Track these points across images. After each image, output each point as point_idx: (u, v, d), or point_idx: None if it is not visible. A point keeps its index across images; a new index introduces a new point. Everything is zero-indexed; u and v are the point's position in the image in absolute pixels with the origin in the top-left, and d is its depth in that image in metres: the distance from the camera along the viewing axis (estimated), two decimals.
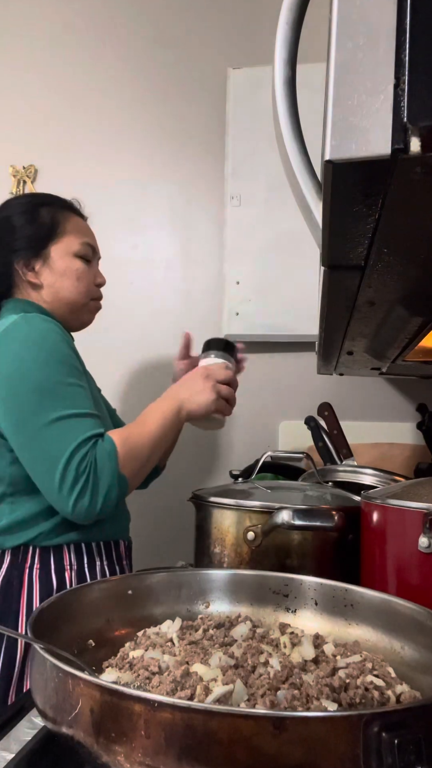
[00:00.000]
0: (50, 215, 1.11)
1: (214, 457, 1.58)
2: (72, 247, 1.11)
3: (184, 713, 0.38)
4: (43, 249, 1.09)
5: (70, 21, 1.69)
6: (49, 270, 1.10)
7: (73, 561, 1.01)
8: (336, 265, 0.47)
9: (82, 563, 1.02)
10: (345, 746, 0.37)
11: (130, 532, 1.15)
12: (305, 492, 0.98)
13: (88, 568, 1.02)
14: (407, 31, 0.29)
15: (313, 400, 1.39)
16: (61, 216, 1.12)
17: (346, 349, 0.90)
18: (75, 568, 1.01)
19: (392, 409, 1.51)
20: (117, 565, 1.07)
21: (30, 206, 1.12)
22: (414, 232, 0.40)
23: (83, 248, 1.12)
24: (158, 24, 1.65)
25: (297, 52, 0.41)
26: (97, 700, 0.41)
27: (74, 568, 1.01)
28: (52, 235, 1.10)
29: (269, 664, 0.54)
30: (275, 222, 1.50)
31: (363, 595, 0.66)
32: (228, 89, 1.56)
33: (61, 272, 1.10)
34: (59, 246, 1.10)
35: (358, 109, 0.30)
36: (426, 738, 0.38)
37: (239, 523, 0.88)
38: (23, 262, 1.09)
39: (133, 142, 1.65)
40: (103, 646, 0.62)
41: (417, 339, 0.73)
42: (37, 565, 0.99)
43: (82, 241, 1.12)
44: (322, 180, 0.34)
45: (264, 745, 0.37)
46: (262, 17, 1.57)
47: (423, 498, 0.72)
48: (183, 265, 1.63)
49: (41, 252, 1.09)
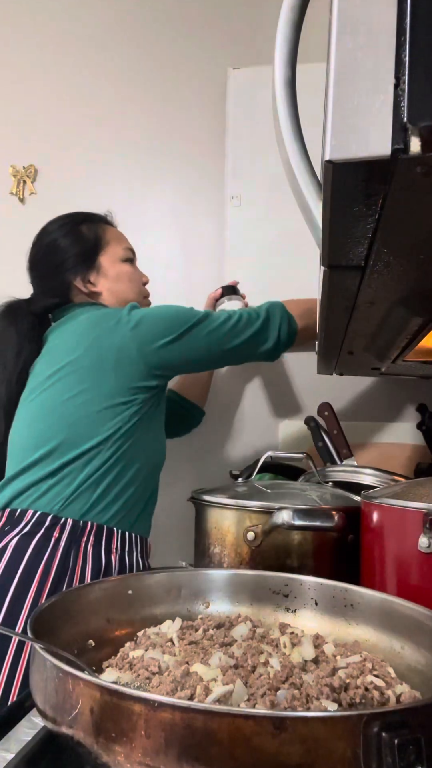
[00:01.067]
0: (92, 230, 1.23)
1: (214, 457, 1.57)
2: (118, 254, 1.24)
3: (184, 713, 0.38)
4: (94, 261, 1.21)
5: (70, 21, 1.69)
6: (104, 278, 1.22)
7: (119, 546, 1.07)
8: (336, 265, 0.47)
9: (124, 549, 1.08)
10: (345, 746, 0.37)
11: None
12: (305, 492, 0.98)
13: (128, 555, 1.09)
14: (407, 31, 0.29)
15: (313, 400, 1.39)
16: (100, 229, 1.24)
17: (346, 349, 0.90)
18: (119, 553, 1.07)
19: (392, 409, 1.51)
20: (143, 560, 1.13)
21: (71, 226, 1.23)
22: (414, 232, 0.40)
23: (127, 252, 1.26)
24: (158, 24, 1.65)
25: (297, 52, 0.41)
26: (97, 700, 0.41)
27: (118, 552, 1.07)
28: (98, 248, 1.22)
29: (269, 664, 0.54)
30: (275, 222, 1.50)
31: (363, 595, 0.66)
32: (228, 89, 1.55)
33: (115, 277, 1.23)
34: (107, 255, 1.23)
35: (358, 109, 0.30)
36: (426, 738, 0.38)
37: (239, 523, 0.88)
38: (80, 277, 1.21)
39: (132, 142, 1.65)
40: (103, 646, 0.62)
41: (417, 339, 0.73)
42: (92, 541, 1.04)
43: (125, 246, 1.26)
44: (322, 180, 0.34)
45: (264, 745, 0.37)
46: (262, 17, 1.57)
47: (423, 498, 0.72)
48: (183, 265, 1.63)
49: (93, 264, 1.21)
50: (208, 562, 0.92)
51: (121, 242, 1.26)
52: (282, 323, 1.19)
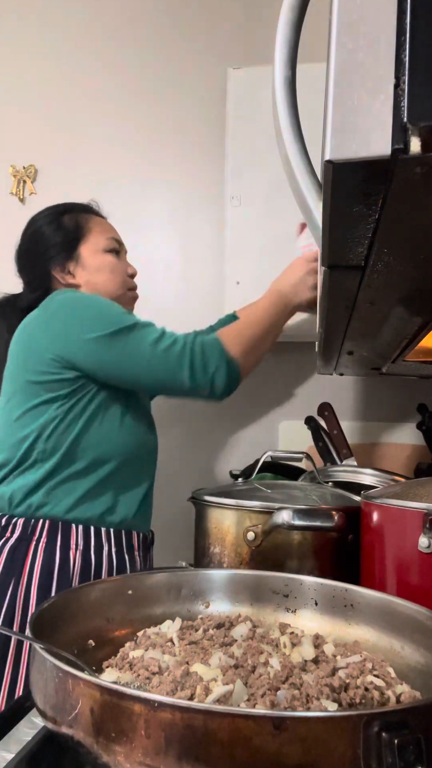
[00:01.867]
0: (73, 219, 1.19)
1: (214, 457, 1.57)
2: (100, 244, 1.18)
3: (184, 713, 0.38)
4: (74, 251, 1.17)
5: (69, 21, 1.69)
6: (82, 269, 1.17)
7: (80, 542, 1.04)
8: (336, 265, 0.47)
9: (89, 545, 1.05)
10: (345, 746, 0.37)
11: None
12: (305, 492, 0.98)
13: (95, 551, 1.05)
14: (407, 31, 0.29)
15: (313, 400, 1.39)
16: (82, 218, 1.19)
17: (346, 349, 0.90)
18: (80, 548, 1.04)
19: (392, 409, 1.51)
20: (128, 554, 1.09)
21: (53, 216, 1.20)
22: (414, 232, 0.40)
23: (110, 243, 1.19)
24: (158, 24, 1.65)
25: (297, 52, 0.40)
26: (97, 700, 0.41)
27: (80, 548, 1.04)
28: (79, 237, 1.17)
29: (269, 664, 0.54)
30: (275, 222, 1.50)
31: (363, 595, 0.66)
32: (228, 89, 1.55)
33: (95, 268, 1.17)
34: (88, 245, 1.17)
35: (358, 109, 0.30)
36: (426, 738, 0.38)
37: (239, 523, 0.88)
38: (59, 267, 1.17)
39: (132, 142, 1.65)
40: (103, 646, 0.62)
41: (417, 339, 0.73)
42: (44, 538, 1.02)
43: (108, 236, 1.20)
44: (322, 180, 0.34)
45: (264, 745, 0.37)
46: (262, 17, 1.57)
47: (423, 498, 0.72)
48: (183, 265, 1.63)
49: (73, 254, 1.17)
50: (208, 562, 0.92)
51: (105, 232, 1.20)
52: (217, 372, 1.05)
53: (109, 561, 1.06)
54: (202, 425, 1.56)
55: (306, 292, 1.19)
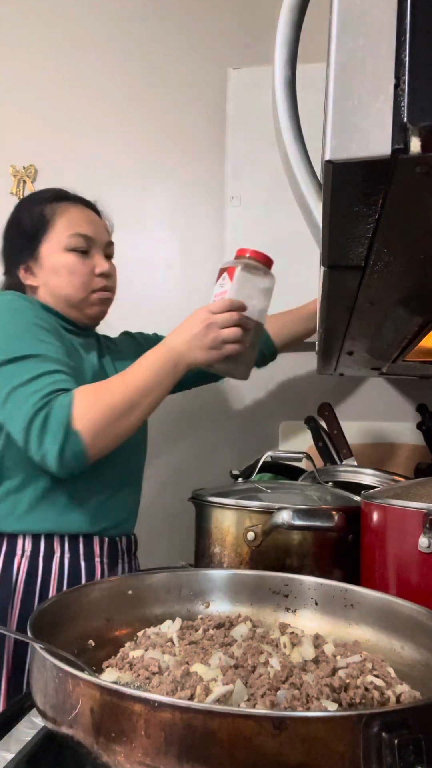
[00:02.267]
0: (38, 212, 1.07)
1: (214, 457, 1.57)
2: (61, 242, 1.05)
3: (184, 713, 0.38)
4: (36, 249, 1.06)
5: (69, 21, 1.69)
6: (40, 269, 1.06)
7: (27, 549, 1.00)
8: (336, 265, 0.47)
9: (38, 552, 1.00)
10: (345, 746, 0.37)
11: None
12: (305, 492, 0.98)
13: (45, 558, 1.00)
14: (407, 31, 0.29)
15: (313, 400, 1.39)
16: (49, 210, 1.07)
17: (346, 349, 0.90)
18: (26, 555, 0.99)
19: (392, 409, 1.51)
20: (85, 562, 1.02)
21: (24, 206, 1.11)
22: (414, 232, 0.40)
23: (73, 240, 1.05)
24: (158, 24, 1.65)
25: (297, 52, 0.40)
26: (97, 700, 0.41)
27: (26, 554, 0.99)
28: (40, 234, 1.06)
29: (269, 664, 0.54)
30: (275, 222, 1.50)
31: (363, 595, 0.66)
32: (228, 89, 1.55)
33: (52, 270, 1.05)
34: (49, 243, 1.05)
35: (358, 109, 0.30)
36: (426, 738, 0.38)
37: (239, 523, 0.88)
38: (23, 267, 1.08)
39: (133, 142, 1.65)
40: (103, 646, 0.62)
41: (417, 339, 0.73)
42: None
43: (71, 233, 1.05)
44: (322, 180, 0.34)
45: (264, 745, 0.37)
46: (262, 17, 1.57)
47: (423, 498, 0.72)
48: (183, 265, 1.63)
49: (34, 253, 1.06)
50: (208, 562, 0.92)
51: (71, 227, 1.06)
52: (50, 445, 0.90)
53: (59, 568, 1.00)
54: (202, 425, 1.56)
55: (199, 352, 0.96)
